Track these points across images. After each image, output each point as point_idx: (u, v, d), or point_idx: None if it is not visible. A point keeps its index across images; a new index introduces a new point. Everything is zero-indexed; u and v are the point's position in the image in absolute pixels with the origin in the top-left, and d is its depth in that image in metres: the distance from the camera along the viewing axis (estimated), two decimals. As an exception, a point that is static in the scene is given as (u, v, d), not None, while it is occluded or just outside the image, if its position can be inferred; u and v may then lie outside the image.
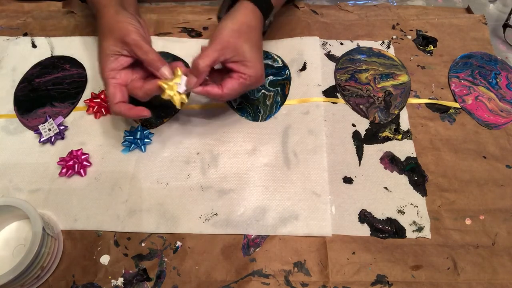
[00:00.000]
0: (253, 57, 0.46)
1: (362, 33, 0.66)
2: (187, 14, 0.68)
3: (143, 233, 0.49)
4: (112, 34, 0.46)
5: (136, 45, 0.45)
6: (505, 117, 0.58)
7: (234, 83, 0.46)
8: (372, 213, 0.50)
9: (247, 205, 0.50)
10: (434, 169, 0.53)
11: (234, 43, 0.45)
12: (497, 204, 0.51)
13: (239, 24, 0.46)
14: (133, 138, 0.54)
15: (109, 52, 0.47)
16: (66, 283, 0.46)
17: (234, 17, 0.47)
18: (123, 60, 0.47)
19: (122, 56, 0.47)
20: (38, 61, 0.62)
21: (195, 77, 0.45)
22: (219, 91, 0.46)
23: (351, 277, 0.46)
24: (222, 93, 0.46)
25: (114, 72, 0.47)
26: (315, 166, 0.53)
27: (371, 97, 0.59)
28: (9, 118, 0.57)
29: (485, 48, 0.65)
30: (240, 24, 0.46)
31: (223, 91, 0.46)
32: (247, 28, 0.47)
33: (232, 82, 0.46)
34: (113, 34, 0.46)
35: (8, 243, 0.47)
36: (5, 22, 0.67)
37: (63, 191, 0.51)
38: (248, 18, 0.47)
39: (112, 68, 0.47)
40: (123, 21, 0.46)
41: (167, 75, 0.46)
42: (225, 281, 0.46)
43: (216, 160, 0.53)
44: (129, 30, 0.46)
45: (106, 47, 0.47)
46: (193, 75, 0.46)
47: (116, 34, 0.46)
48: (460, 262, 0.47)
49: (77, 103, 0.58)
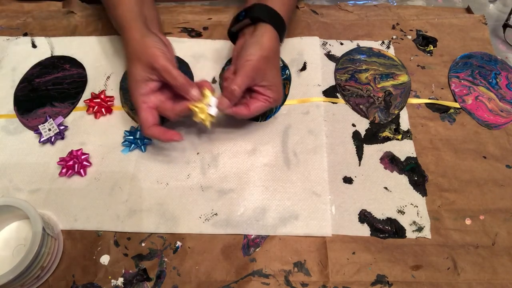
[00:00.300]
0: (277, 82, 0.50)
1: (362, 33, 0.66)
2: (187, 14, 0.68)
3: (143, 233, 0.49)
4: (140, 60, 0.47)
5: (165, 71, 0.46)
6: (505, 117, 0.58)
7: (260, 105, 0.50)
8: (372, 213, 0.50)
9: (247, 205, 0.50)
10: (434, 169, 0.53)
11: (264, 70, 0.48)
12: (497, 204, 0.51)
13: (268, 51, 0.48)
14: (133, 138, 0.54)
15: (139, 78, 0.48)
16: (66, 283, 0.46)
17: (262, 42, 0.48)
18: (152, 85, 0.48)
19: (151, 80, 0.48)
20: (38, 61, 0.62)
21: (228, 100, 0.48)
22: (246, 112, 0.49)
23: (351, 277, 0.46)
24: (249, 113, 0.49)
25: (144, 96, 0.48)
26: (315, 166, 0.53)
27: (371, 97, 0.59)
28: (9, 118, 0.57)
29: (485, 48, 0.65)
30: (268, 50, 0.48)
31: (250, 111, 0.49)
32: (274, 54, 0.50)
33: (258, 104, 0.50)
34: (141, 60, 0.47)
35: (8, 243, 0.47)
36: (5, 22, 0.67)
37: (63, 191, 0.51)
38: (273, 44, 0.49)
39: (142, 93, 0.48)
40: (150, 46, 0.47)
41: (197, 97, 0.47)
42: (225, 281, 0.46)
43: (216, 160, 0.53)
44: (157, 56, 0.46)
45: (136, 73, 0.48)
46: (225, 98, 0.48)
47: (144, 60, 0.47)
48: (460, 262, 0.47)
49: (77, 103, 0.58)
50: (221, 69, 0.62)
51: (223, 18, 0.67)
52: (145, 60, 0.47)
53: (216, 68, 0.62)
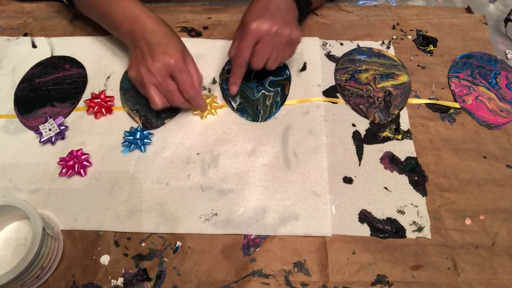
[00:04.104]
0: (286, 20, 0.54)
1: (362, 34, 0.66)
2: (187, 13, 0.68)
3: (143, 233, 0.49)
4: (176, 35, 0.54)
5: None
6: (505, 117, 0.58)
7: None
8: (372, 213, 0.50)
9: (247, 205, 0.50)
10: (434, 169, 0.53)
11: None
12: (497, 204, 0.51)
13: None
14: (133, 139, 0.54)
15: (183, 46, 0.53)
16: (66, 283, 0.46)
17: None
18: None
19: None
20: (38, 61, 0.63)
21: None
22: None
23: (351, 277, 0.46)
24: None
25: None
26: (315, 166, 0.53)
27: (371, 97, 0.59)
28: (10, 118, 0.57)
29: (485, 48, 0.65)
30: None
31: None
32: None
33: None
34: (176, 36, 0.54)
35: (8, 243, 0.47)
36: (5, 22, 0.67)
37: (63, 191, 0.51)
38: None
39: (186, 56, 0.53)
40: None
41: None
42: (225, 281, 0.46)
43: (216, 160, 0.53)
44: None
45: (179, 41, 0.53)
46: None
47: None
48: (460, 262, 0.47)
49: (77, 103, 0.58)
50: (221, 69, 0.62)
51: (223, 17, 0.67)
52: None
53: (216, 67, 0.62)
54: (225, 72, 0.61)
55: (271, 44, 0.51)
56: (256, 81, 0.60)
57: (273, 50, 0.52)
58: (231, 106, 0.58)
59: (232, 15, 0.68)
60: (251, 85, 0.59)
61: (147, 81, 0.50)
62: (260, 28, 0.50)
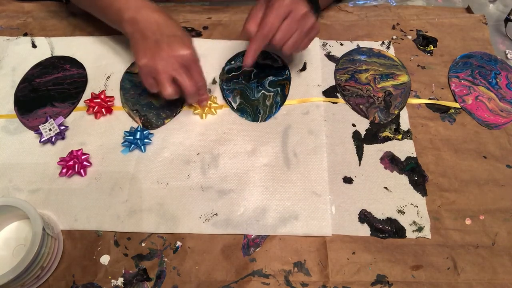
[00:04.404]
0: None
1: (362, 34, 0.66)
2: (187, 13, 0.68)
3: (143, 233, 0.49)
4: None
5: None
6: (505, 117, 0.58)
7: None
8: (372, 213, 0.50)
9: (247, 205, 0.50)
10: (434, 169, 0.53)
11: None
12: (497, 204, 0.51)
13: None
14: (133, 139, 0.54)
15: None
16: (66, 283, 0.46)
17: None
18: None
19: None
20: (38, 61, 0.63)
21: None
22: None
23: (351, 277, 0.46)
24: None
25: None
26: (315, 166, 0.53)
27: (371, 97, 0.59)
28: (10, 118, 0.57)
29: (485, 48, 0.65)
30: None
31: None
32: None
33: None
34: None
35: (8, 243, 0.47)
36: (5, 22, 0.68)
37: (63, 191, 0.51)
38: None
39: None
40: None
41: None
42: (225, 281, 0.46)
43: (216, 160, 0.53)
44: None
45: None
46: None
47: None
48: (460, 262, 0.47)
49: (77, 103, 0.58)
50: (221, 69, 0.62)
51: (223, 17, 0.67)
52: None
53: (216, 68, 0.62)
54: (225, 72, 0.61)
55: (297, 25, 0.49)
56: (256, 81, 0.60)
57: (297, 32, 0.50)
58: (231, 106, 0.58)
59: (232, 15, 0.68)
60: (251, 85, 0.59)
61: (161, 69, 0.49)
62: (295, 3, 0.48)
